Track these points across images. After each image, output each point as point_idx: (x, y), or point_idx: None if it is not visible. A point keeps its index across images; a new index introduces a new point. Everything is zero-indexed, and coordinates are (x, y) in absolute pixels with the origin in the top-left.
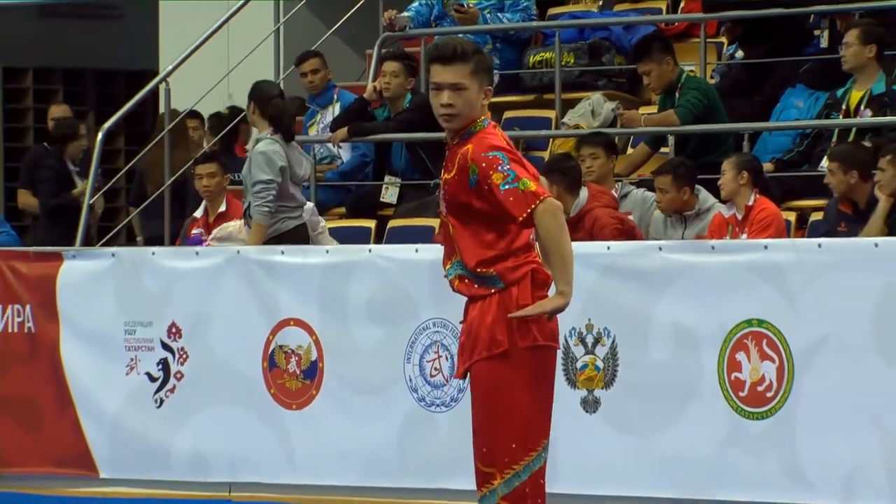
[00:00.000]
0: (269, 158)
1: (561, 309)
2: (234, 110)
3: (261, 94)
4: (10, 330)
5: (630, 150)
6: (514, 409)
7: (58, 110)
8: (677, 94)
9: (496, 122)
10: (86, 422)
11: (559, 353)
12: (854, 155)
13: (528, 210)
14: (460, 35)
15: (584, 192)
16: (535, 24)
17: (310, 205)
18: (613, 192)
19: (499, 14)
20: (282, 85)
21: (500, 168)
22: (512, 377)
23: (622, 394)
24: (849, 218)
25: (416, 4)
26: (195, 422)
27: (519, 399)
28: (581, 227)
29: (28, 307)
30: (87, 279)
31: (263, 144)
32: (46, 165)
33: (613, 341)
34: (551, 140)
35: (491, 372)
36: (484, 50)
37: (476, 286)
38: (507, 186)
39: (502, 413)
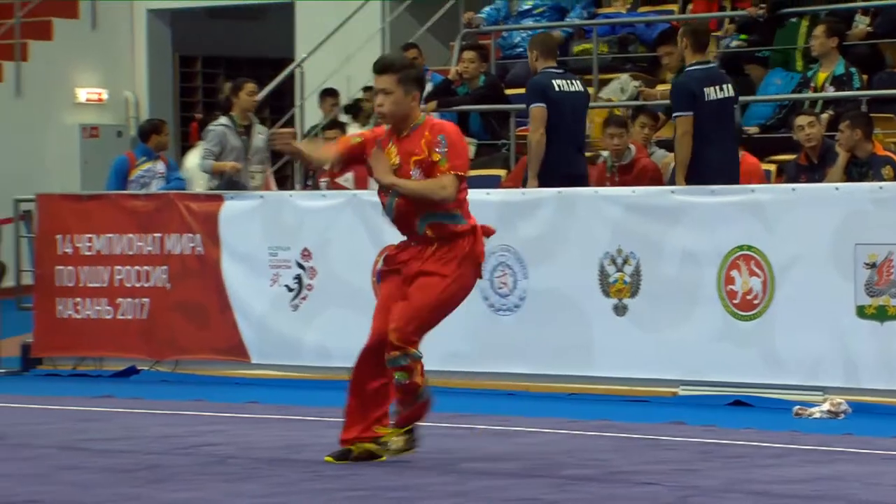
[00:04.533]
0: None
1: (376, 172)
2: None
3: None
4: (184, 252)
5: None
6: (436, 312)
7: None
8: None
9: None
10: (240, 321)
11: (595, 270)
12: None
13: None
14: (525, 32)
15: (633, 147)
16: (577, 21)
17: None
18: None
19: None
20: None
21: (444, 148)
22: (449, 289)
23: (644, 301)
24: (806, 169)
25: (488, 8)
26: (321, 321)
27: (443, 307)
28: (631, 171)
29: (198, 235)
30: (242, 214)
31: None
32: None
33: (637, 262)
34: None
35: (440, 281)
36: (414, 64)
37: (450, 225)
38: (444, 161)
39: (432, 313)
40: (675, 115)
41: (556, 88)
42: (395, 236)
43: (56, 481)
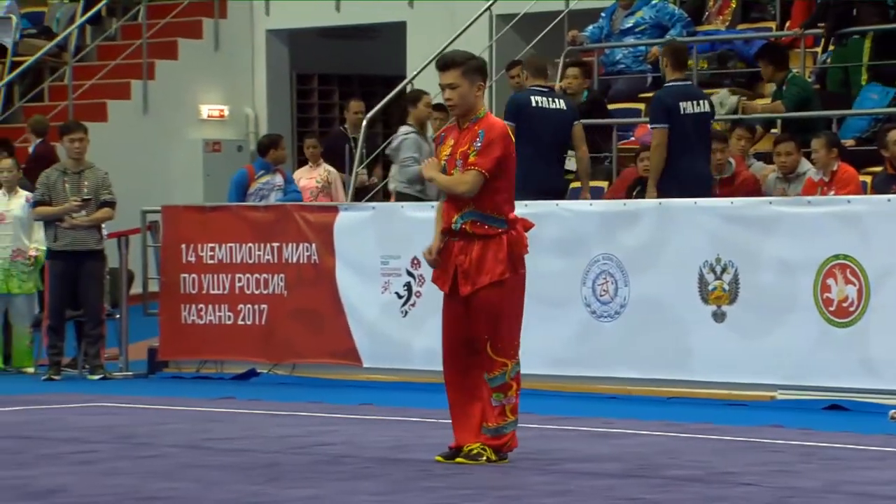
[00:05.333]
0: None
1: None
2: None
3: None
4: (300, 262)
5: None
6: (516, 317)
7: (356, 105)
8: (784, 88)
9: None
10: (353, 326)
11: (694, 278)
12: None
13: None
14: (626, 49)
15: (732, 161)
16: (678, 39)
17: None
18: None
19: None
20: (494, 86)
21: (484, 145)
22: (513, 295)
23: (742, 308)
24: (894, 178)
25: (591, 27)
26: (429, 327)
27: (517, 310)
28: (732, 184)
29: (313, 245)
30: (355, 225)
31: None
32: (341, 145)
33: (736, 270)
34: None
35: (500, 293)
36: (475, 56)
37: (487, 226)
38: (475, 154)
39: (511, 320)
40: (651, 126)
41: (534, 104)
42: None
43: (180, 478)
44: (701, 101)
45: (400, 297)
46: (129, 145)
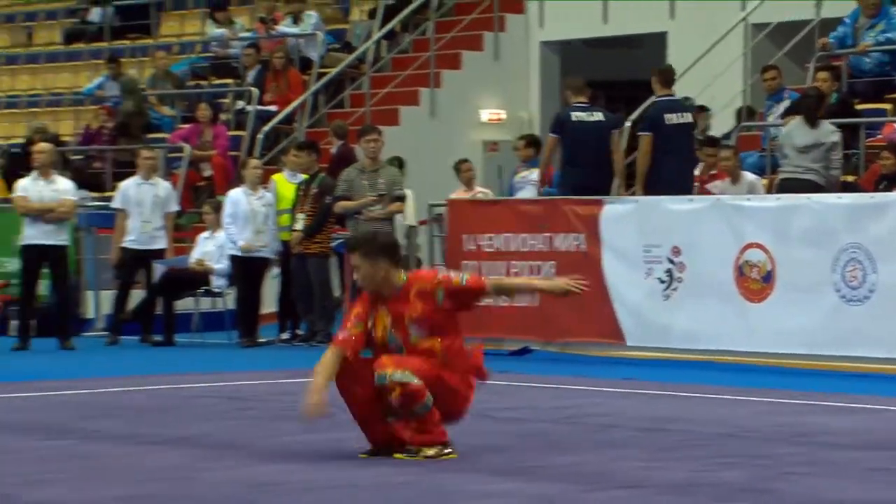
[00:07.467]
0: None
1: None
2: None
3: None
4: (569, 250)
5: None
6: None
7: None
8: None
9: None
10: (618, 309)
11: None
12: None
13: (483, 283)
14: (867, 54)
15: None
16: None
17: None
18: None
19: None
20: (749, 89)
21: (451, 276)
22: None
23: None
24: None
25: (839, 27)
26: (689, 309)
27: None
28: None
29: (582, 235)
30: (620, 216)
31: None
32: None
33: None
34: None
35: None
36: (377, 236)
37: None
38: (464, 279)
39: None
40: (638, 133)
41: (574, 119)
42: (754, 234)
43: (465, 443)
44: (684, 114)
45: (662, 282)
46: (418, 146)
